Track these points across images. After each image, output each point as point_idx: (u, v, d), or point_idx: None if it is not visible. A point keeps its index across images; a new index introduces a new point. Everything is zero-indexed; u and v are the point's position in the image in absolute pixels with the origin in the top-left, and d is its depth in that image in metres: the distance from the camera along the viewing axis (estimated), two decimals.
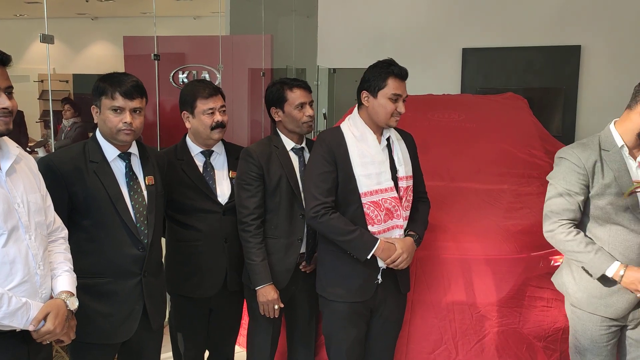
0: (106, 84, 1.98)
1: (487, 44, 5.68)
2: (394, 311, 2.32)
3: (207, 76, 5.84)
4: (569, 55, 5.48)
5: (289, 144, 2.38)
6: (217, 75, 5.53)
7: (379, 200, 2.16)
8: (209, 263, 2.34)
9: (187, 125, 2.37)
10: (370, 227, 2.15)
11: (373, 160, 2.17)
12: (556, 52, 5.51)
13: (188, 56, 5.89)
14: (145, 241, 2.02)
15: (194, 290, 2.36)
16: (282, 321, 2.51)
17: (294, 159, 2.36)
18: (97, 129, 2.05)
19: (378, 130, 2.23)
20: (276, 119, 2.38)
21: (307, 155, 2.41)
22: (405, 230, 2.23)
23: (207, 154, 2.39)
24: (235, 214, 2.33)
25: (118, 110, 1.97)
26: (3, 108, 1.54)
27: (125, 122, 1.97)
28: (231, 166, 2.42)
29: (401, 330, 2.43)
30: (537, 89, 5.61)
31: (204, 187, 2.34)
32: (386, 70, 2.16)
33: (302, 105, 2.33)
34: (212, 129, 2.32)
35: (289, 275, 2.33)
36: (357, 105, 2.27)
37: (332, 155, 2.16)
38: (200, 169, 2.37)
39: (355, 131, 2.20)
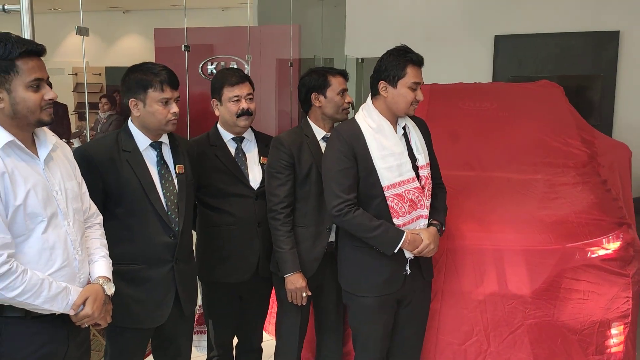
0: (149, 76, 2.00)
1: (520, 31, 5.54)
2: (421, 300, 2.32)
3: (235, 67, 5.87)
4: (607, 41, 5.31)
5: (319, 133, 2.39)
6: (246, 66, 5.55)
7: (402, 192, 2.14)
8: (243, 247, 2.37)
9: (216, 112, 2.41)
10: (395, 220, 2.14)
11: (392, 152, 2.14)
12: (593, 38, 5.35)
13: (217, 47, 5.93)
14: (177, 229, 2.05)
15: (228, 275, 2.39)
16: (311, 310, 2.52)
17: (324, 148, 2.36)
18: (130, 120, 2.08)
19: (393, 119, 2.20)
20: (316, 105, 2.37)
21: None
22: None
23: (239, 140, 2.43)
24: None
25: (166, 102, 2.00)
26: (50, 99, 1.58)
27: (175, 112, 2.02)
28: (261, 152, 2.45)
29: (431, 321, 2.42)
30: (574, 77, 5.46)
31: (236, 171, 2.37)
32: (404, 59, 2.12)
33: (343, 92, 2.37)
34: (238, 116, 2.35)
35: (317, 264, 2.34)
36: (370, 95, 2.23)
37: (351, 150, 2.13)
38: (233, 155, 2.41)
39: (372, 123, 2.17)
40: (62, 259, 1.61)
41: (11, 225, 1.51)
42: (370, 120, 2.18)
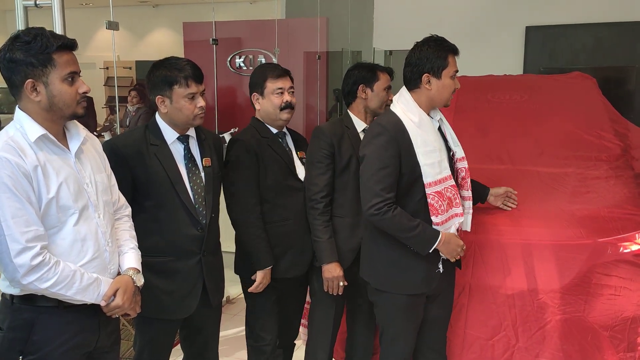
0: (174, 72, 2.01)
1: (552, 21, 5.42)
2: (447, 293, 2.31)
3: (263, 60, 5.88)
4: None
5: (359, 125, 2.42)
6: (273, 59, 5.56)
7: (442, 189, 2.11)
8: (298, 242, 2.37)
9: (257, 106, 2.39)
10: (433, 218, 2.11)
11: (435, 148, 2.11)
12: (628, 29, 5.19)
13: (245, 40, 5.94)
14: (204, 221, 2.08)
15: (285, 271, 2.37)
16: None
17: (363, 140, 2.38)
18: (157, 114, 2.11)
19: (429, 112, 2.17)
20: (362, 97, 2.41)
21: None
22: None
23: (281, 135, 2.42)
24: None
25: (192, 97, 2.01)
26: (84, 92, 1.61)
27: (201, 107, 2.04)
28: (296, 147, 2.47)
29: (459, 315, 2.40)
30: (607, 68, 5.32)
31: (290, 163, 2.38)
32: (445, 48, 2.10)
33: (388, 88, 2.44)
34: (281, 109, 2.34)
35: (353, 255, 2.35)
36: (404, 88, 2.19)
37: (397, 145, 2.07)
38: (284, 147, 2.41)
39: (413, 117, 2.11)
40: (93, 251, 1.65)
41: (44, 218, 1.55)
42: (410, 114, 2.12)
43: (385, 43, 6.28)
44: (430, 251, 2.11)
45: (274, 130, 2.39)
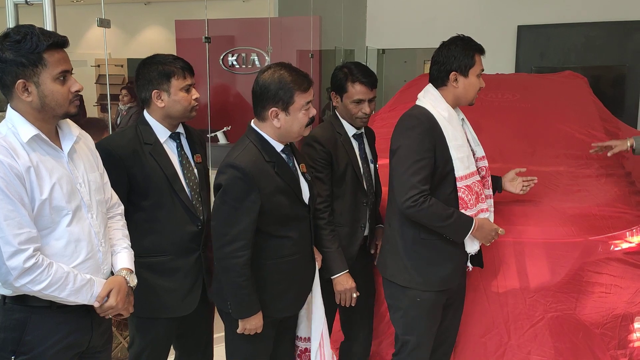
0: (169, 66, 2.02)
1: (544, 21, 5.45)
2: (462, 296, 2.34)
3: (256, 58, 5.88)
4: (633, 31, 5.20)
5: (350, 130, 2.35)
6: (266, 58, 5.56)
7: (471, 184, 2.13)
8: (302, 276, 2.11)
9: (277, 124, 1.94)
10: (463, 212, 2.13)
11: (464, 143, 2.13)
12: (619, 28, 5.24)
13: (238, 39, 5.94)
14: (202, 217, 2.08)
15: (286, 309, 2.09)
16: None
17: (355, 146, 2.35)
18: (145, 112, 2.09)
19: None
20: (334, 104, 2.36)
21: (365, 142, 2.41)
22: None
23: (287, 150, 2.04)
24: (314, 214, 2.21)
25: (188, 89, 2.04)
26: (76, 91, 1.60)
27: (196, 98, 2.06)
28: (297, 160, 2.10)
29: None
30: (598, 67, 5.36)
31: (296, 188, 2.01)
32: (471, 47, 2.14)
33: (360, 101, 2.28)
34: (307, 125, 1.98)
35: (352, 262, 2.31)
36: (431, 86, 2.19)
37: (432, 138, 2.07)
38: (292, 169, 2.04)
39: (443, 112, 2.13)
40: (86, 251, 1.64)
41: (37, 219, 1.54)
42: (440, 109, 2.13)
43: (378, 41, 6.30)
44: (467, 237, 2.11)
45: (280, 147, 2.00)
